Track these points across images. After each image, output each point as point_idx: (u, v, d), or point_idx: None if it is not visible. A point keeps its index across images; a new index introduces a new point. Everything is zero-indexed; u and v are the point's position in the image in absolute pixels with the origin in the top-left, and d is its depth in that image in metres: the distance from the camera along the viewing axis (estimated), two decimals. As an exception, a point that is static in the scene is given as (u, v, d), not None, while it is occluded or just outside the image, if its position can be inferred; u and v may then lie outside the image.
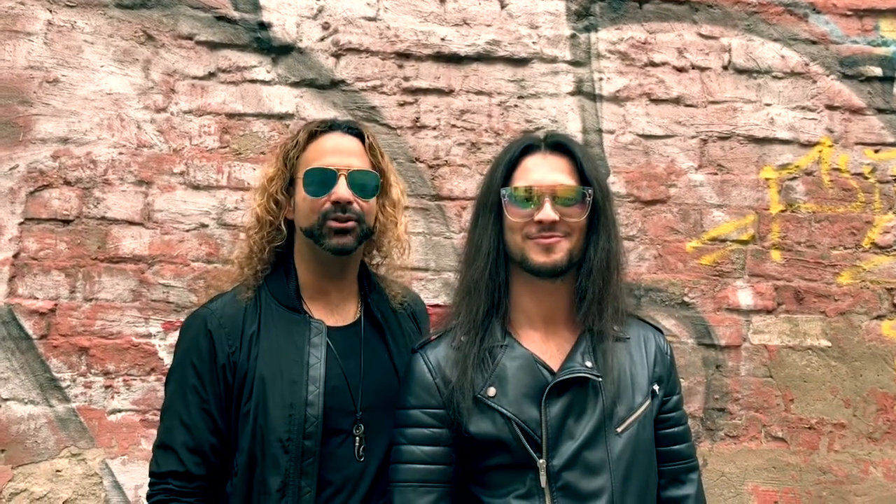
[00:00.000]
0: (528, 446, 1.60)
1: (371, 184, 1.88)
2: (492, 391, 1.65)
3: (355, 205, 1.82)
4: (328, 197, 1.81)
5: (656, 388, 1.74)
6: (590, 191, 1.70)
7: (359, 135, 1.91)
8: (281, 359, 1.79)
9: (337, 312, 1.92)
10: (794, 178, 2.86)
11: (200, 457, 1.75)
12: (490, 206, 1.75)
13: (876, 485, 2.76)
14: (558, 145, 1.77)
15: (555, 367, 1.67)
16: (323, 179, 1.82)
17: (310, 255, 1.89)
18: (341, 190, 1.81)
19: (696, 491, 1.78)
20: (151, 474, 1.78)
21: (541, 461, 1.60)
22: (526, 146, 1.77)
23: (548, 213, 1.64)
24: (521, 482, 1.62)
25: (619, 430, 1.64)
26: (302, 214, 1.86)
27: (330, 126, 1.89)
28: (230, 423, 1.78)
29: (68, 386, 2.57)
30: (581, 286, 1.70)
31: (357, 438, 1.81)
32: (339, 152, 1.85)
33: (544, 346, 1.71)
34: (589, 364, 1.66)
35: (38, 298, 2.58)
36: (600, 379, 1.65)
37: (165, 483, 1.74)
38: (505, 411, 1.63)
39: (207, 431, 1.76)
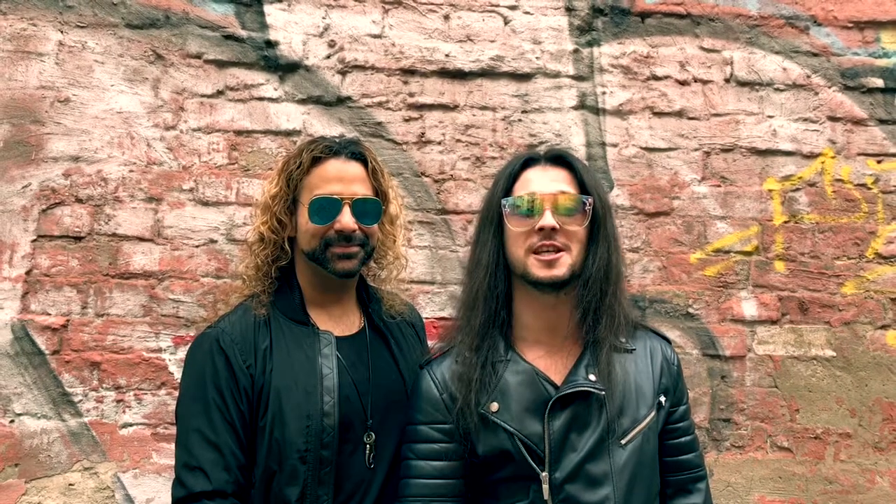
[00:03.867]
0: (530, 460, 1.62)
1: (374, 211, 1.91)
2: (494, 406, 1.67)
3: (358, 232, 1.86)
4: (331, 225, 1.85)
5: (662, 399, 1.74)
6: (590, 200, 1.71)
7: (361, 158, 1.94)
8: (295, 371, 1.82)
9: (341, 323, 1.96)
10: (797, 190, 2.88)
11: (230, 474, 1.73)
12: (491, 218, 1.76)
13: (882, 494, 2.76)
14: (558, 158, 1.79)
15: (558, 380, 1.69)
16: (327, 208, 1.85)
17: (311, 272, 1.94)
18: (345, 219, 1.84)
19: (704, 500, 1.78)
20: (179, 499, 1.72)
21: (543, 474, 1.61)
22: (526, 160, 1.79)
23: (549, 219, 1.65)
24: (525, 494, 1.64)
25: (622, 442, 1.65)
26: (304, 239, 1.90)
27: (333, 151, 1.91)
28: (250, 437, 1.80)
29: (80, 400, 2.60)
30: (580, 298, 1.70)
31: (367, 446, 1.84)
32: (343, 180, 1.88)
33: (548, 360, 1.72)
34: (592, 377, 1.66)
35: (50, 314, 2.62)
36: (603, 392, 1.65)
37: None
38: (507, 426, 1.65)
39: (235, 447, 1.75)
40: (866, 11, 2.93)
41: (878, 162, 2.90)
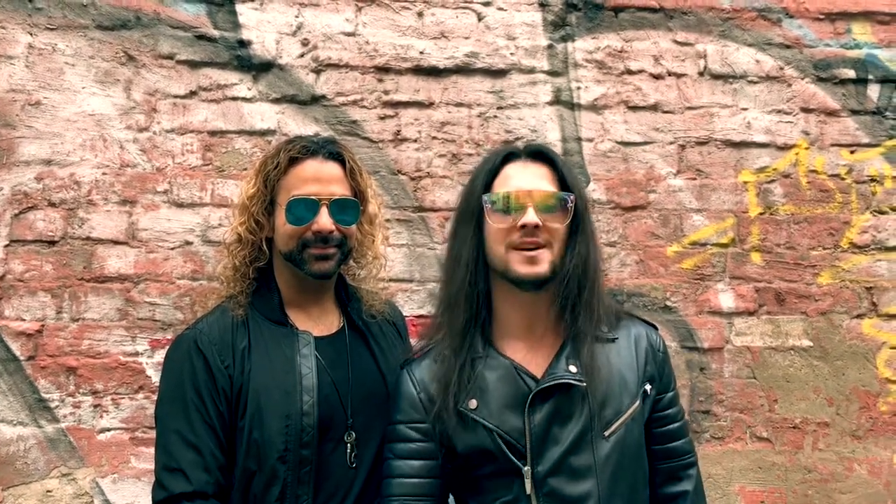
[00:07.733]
0: (511, 456, 1.61)
1: (352, 211, 1.90)
2: (473, 403, 1.65)
3: (336, 232, 1.86)
4: (309, 226, 1.84)
5: (648, 387, 1.73)
6: (571, 197, 1.70)
7: (339, 158, 1.92)
8: (274, 371, 1.81)
9: (320, 323, 1.95)
10: (772, 181, 2.90)
11: (210, 475, 1.73)
12: (470, 215, 1.74)
13: (861, 482, 2.79)
14: (538, 153, 1.77)
15: (538, 374, 1.67)
16: (304, 209, 1.84)
17: (289, 273, 1.93)
18: (323, 220, 1.83)
19: (695, 486, 1.77)
20: (160, 501, 1.71)
21: (525, 468, 1.60)
22: (506, 155, 1.77)
23: (531, 217, 1.63)
24: (508, 489, 1.63)
25: (606, 433, 1.63)
26: (282, 240, 1.89)
27: (311, 151, 1.90)
28: (229, 437, 1.79)
29: (57, 406, 2.58)
30: (560, 294, 1.69)
31: (348, 445, 1.84)
32: (321, 180, 1.87)
33: (528, 354, 1.71)
34: (573, 369, 1.65)
35: (24, 320, 2.60)
36: (584, 384, 1.64)
37: None
38: (486, 423, 1.64)
39: (214, 447, 1.75)
40: (837, 3, 2.95)
41: (852, 152, 2.92)
